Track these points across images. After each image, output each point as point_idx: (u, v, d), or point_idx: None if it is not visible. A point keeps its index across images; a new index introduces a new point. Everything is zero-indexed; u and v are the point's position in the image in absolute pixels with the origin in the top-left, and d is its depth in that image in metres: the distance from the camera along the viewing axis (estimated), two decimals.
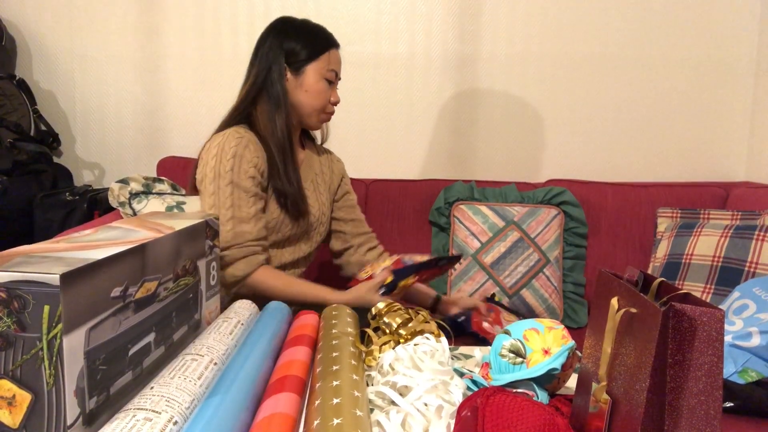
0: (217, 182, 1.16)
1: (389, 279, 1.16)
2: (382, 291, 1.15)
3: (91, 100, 1.97)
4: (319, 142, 1.45)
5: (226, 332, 0.78)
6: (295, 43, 1.24)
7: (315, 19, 1.30)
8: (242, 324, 0.85)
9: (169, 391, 0.57)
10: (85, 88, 1.96)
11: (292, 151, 1.26)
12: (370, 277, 1.19)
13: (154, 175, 1.83)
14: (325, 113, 1.29)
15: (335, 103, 1.29)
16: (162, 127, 1.97)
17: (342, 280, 1.63)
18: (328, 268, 1.79)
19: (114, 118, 1.98)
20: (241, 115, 1.25)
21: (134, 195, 1.69)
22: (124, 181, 1.71)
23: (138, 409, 0.54)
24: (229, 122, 1.25)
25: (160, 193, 1.69)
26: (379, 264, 1.22)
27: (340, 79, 1.31)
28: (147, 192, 1.70)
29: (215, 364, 0.68)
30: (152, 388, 0.58)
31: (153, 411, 0.53)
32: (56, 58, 1.95)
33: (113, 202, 1.70)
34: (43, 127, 1.91)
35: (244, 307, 0.91)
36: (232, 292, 1.19)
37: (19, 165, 1.77)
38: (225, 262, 1.15)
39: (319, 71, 1.24)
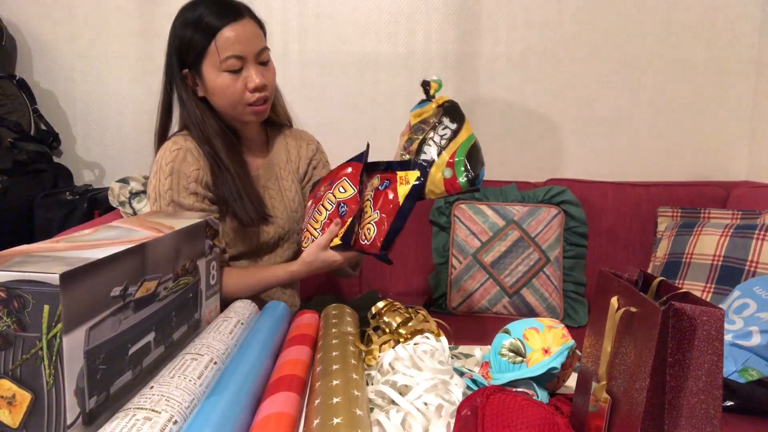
0: (159, 203, 1.08)
1: (340, 233, 1.03)
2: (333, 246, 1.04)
3: (91, 100, 1.97)
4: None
5: (226, 332, 0.78)
6: (182, 41, 1.08)
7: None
8: (242, 323, 0.85)
9: (168, 391, 0.58)
10: (85, 88, 1.96)
11: (236, 152, 1.14)
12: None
13: None
14: (249, 105, 1.09)
15: (256, 89, 1.07)
16: None
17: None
18: None
19: (114, 118, 1.98)
20: (163, 129, 1.16)
21: (134, 194, 1.69)
22: (124, 181, 1.71)
23: (138, 408, 0.54)
24: (161, 136, 1.16)
25: None
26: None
27: (244, 58, 1.06)
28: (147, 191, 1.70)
29: (215, 363, 0.68)
30: (152, 387, 0.58)
31: (153, 410, 0.53)
32: (56, 58, 1.95)
33: (113, 202, 1.70)
34: (43, 127, 1.91)
35: (243, 307, 0.91)
36: None
37: (19, 165, 1.77)
38: None
39: (214, 66, 1.06)
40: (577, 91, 1.95)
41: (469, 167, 0.97)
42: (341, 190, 1.06)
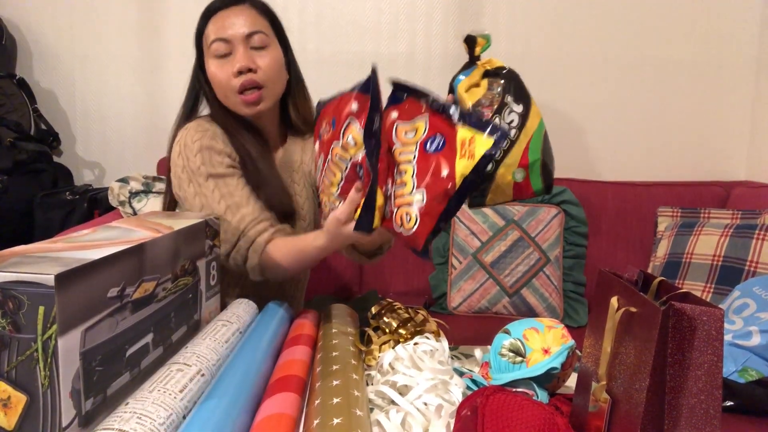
0: (196, 180, 1.01)
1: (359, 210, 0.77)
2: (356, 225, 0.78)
3: (91, 99, 1.97)
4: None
5: (222, 340, 0.75)
6: (196, 33, 1.09)
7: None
8: (240, 332, 0.82)
9: (143, 407, 0.53)
10: (85, 87, 1.96)
11: (262, 143, 1.10)
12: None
13: (154, 174, 1.83)
14: (238, 94, 1.04)
15: (240, 72, 1.02)
16: (162, 127, 1.97)
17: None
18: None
19: (114, 117, 1.98)
20: (182, 123, 1.10)
21: (134, 194, 1.69)
22: (124, 181, 1.71)
23: (105, 429, 0.49)
24: (179, 127, 1.10)
25: (159, 192, 1.69)
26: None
27: (230, 41, 1.03)
28: (147, 191, 1.70)
29: (203, 375, 0.64)
30: (128, 404, 0.54)
31: (120, 431, 0.49)
32: (56, 58, 1.95)
33: (113, 202, 1.70)
34: (43, 127, 1.91)
35: (244, 310, 0.90)
36: (260, 279, 1.02)
37: (19, 164, 1.77)
38: (239, 260, 0.99)
39: (209, 56, 1.06)
40: (576, 91, 1.95)
41: (549, 169, 0.72)
42: (351, 142, 0.79)
